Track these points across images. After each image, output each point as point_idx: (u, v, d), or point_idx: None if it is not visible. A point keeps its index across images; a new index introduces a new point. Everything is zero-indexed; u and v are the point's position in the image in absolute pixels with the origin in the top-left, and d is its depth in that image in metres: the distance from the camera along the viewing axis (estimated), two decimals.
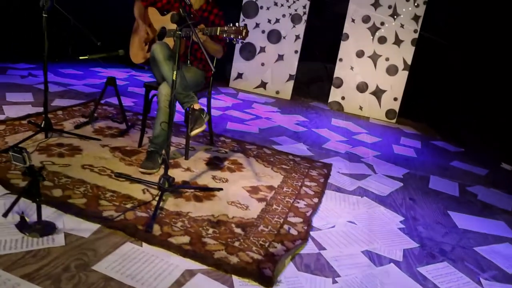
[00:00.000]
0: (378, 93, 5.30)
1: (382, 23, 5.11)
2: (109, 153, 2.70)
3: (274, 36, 5.47)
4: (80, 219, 1.89)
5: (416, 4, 4.96)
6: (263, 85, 5.65)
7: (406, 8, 5.01)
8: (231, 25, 2.19)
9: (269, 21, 5.46)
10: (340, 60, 5.34)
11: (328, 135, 4.11)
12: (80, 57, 2.57)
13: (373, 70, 5.25)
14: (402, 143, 4.33)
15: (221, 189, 2.44)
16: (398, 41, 5.10)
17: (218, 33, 2.23)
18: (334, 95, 5.46)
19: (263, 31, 5.50)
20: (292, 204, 2.43)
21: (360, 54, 5.25)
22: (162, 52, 2.42)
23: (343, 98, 5.43)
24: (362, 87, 5.34)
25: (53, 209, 1.93)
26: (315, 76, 6.11)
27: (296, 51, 5.44)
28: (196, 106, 2.42)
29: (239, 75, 5.73)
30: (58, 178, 2.23)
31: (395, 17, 5.06)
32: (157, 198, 2.15)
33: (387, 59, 5.18)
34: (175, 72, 1.99)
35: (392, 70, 5.19)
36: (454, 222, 2.59)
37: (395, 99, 5.26)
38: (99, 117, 3.41)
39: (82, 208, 1.98)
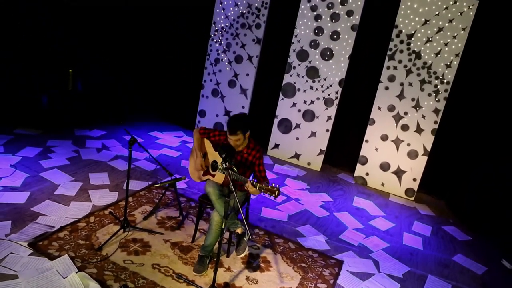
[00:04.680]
0: (399, 173, 5.93)
1: (406, 113, 5.76)
2: (170, 251, 3.57)
3: (309, 115, 6.24)
4: None
5: (437, 99, 5.57)
6: (296, 156, 6.42)
7: (428, 102, 5.63)
8: (268, 184, 2.95)
9: (305, 102, 6.24)
10: (366, 141, 6.03)
11: (347, 221, 4.80)
12: (155, 185, 3.45)
13: (395, 152, 5.89)
14: (414, 229, 4.94)
15: None
16: (419, 130, 5.72)
17: (257, 188, 2.97)
18: (360, 170, 6.14)
19: (299, 110, 6.28)
20: None
21: (384, 137, 5.91)
22: (214, 194, 3.25)
23: (367, 174, 6.10)
24: (384, 166, 5.99)
25: None
26: None
27: (327, 130, 6.18)
28: (239, 231, 3.22)
29: (276, 145, 6.54)
30: (137, 279, 3.12)
31: (418, 108, 5.69)
32: None
33: (408, 144, 5.81)
34: (223, 224, 2.81)
35: (412, 154, 5.81)
36: None
37: (414, 179, 5.86)
38: (160, 205, 4.31)
39: None
